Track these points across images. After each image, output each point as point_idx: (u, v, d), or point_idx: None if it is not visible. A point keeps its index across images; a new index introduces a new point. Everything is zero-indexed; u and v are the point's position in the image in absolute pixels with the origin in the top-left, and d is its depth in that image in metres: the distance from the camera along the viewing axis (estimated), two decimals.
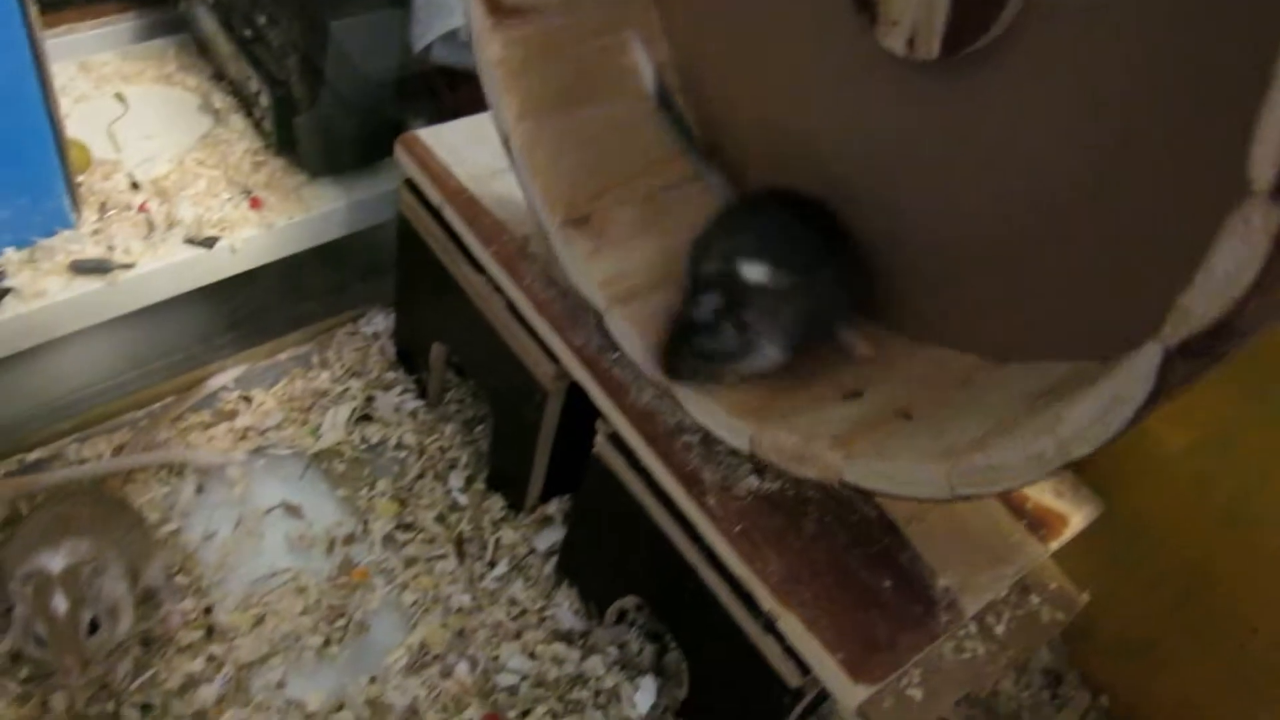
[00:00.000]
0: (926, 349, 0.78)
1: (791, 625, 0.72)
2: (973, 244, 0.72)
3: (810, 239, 0.76)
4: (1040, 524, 0.84)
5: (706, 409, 0.76)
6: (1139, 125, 0.59)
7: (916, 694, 0.77)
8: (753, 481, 0.79)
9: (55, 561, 0.79)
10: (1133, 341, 0.50)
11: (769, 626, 0.75)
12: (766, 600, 0.73)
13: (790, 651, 0.74)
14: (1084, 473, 0.89)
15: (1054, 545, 0.84)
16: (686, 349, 0.74)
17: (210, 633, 0.93)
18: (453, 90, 1.16)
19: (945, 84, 0.69)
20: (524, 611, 1.01)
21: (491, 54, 0.81)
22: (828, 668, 0.70)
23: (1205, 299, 0.45)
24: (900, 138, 0.74)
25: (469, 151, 0.98)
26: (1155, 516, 0.95)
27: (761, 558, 0.74)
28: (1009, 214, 0.69)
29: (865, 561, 0.76)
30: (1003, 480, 0.60)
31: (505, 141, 0.83)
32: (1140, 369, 0.49)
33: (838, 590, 0.74)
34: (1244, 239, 0.43)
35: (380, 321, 1.23)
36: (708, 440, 0.80)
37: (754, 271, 0.73)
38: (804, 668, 0.74)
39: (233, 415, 1.11)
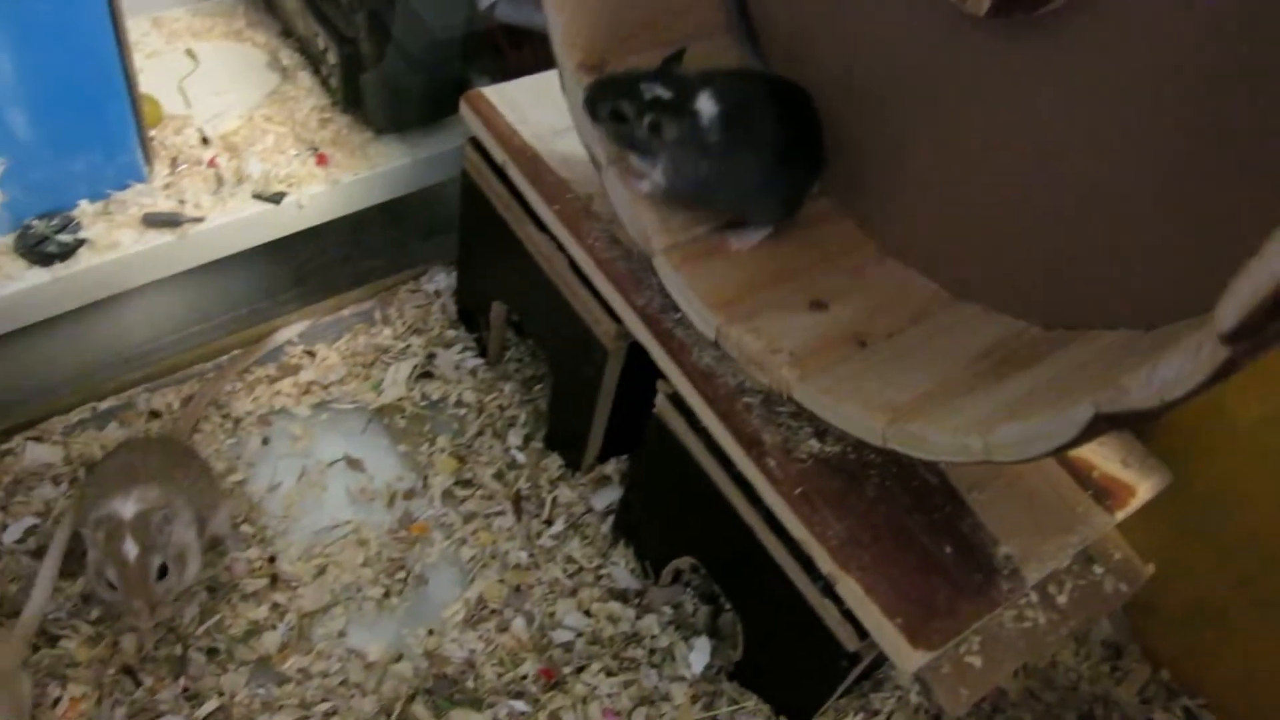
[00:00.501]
0: (893, 265, 0.83)
1: (850, 589, 0.72)
2: (973, 189, 0.74)
3: (778, 127, 0.79)
4: (1106, 493, 0.83)
5: (682, 291, 0.81)
6: (1200, 106, 0.57)
7: (975, 661, 0.76)
8: (813, 444, 0.78)
9: (127, 508, 0.82)
10: (1105, 316, 0.51)
11: (827, 590, 0.75)
12: (826, 563, 0.73)
13: (848, 615, 0.74)
14: (1152, 442, 0.87)
15: (1120, 515, 0.82)
16: (612, 98, 0.77)
17: (274, 581, 0.95)
18: (516, 49, 1.16)
19: (1002, 44, 0.68)
20: (580, 569, 1.02)
21: None
22: (886, 632, 0.70)
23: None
24: (939, 83, 0.73)
25: (533, 110, 0.98)
26: (1226, 489, 0.92)
27: (821, 520, 0.74)
28: (1050, 182, 0.68)
29: (926, 527, 0.76)
30: (929, 451, 0.65)
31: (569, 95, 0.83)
32: (1074, 414, 0.53)
33: (898, 555, 0.73)
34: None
35: (442, 279, 1.24)
36: (769, 402, 0.79)
37: (705, 106, 0.77)
38: (862, 632, 0.73)
39: (296, 370, 1.12)
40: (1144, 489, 0.84)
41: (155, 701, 0.86)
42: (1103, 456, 0.85)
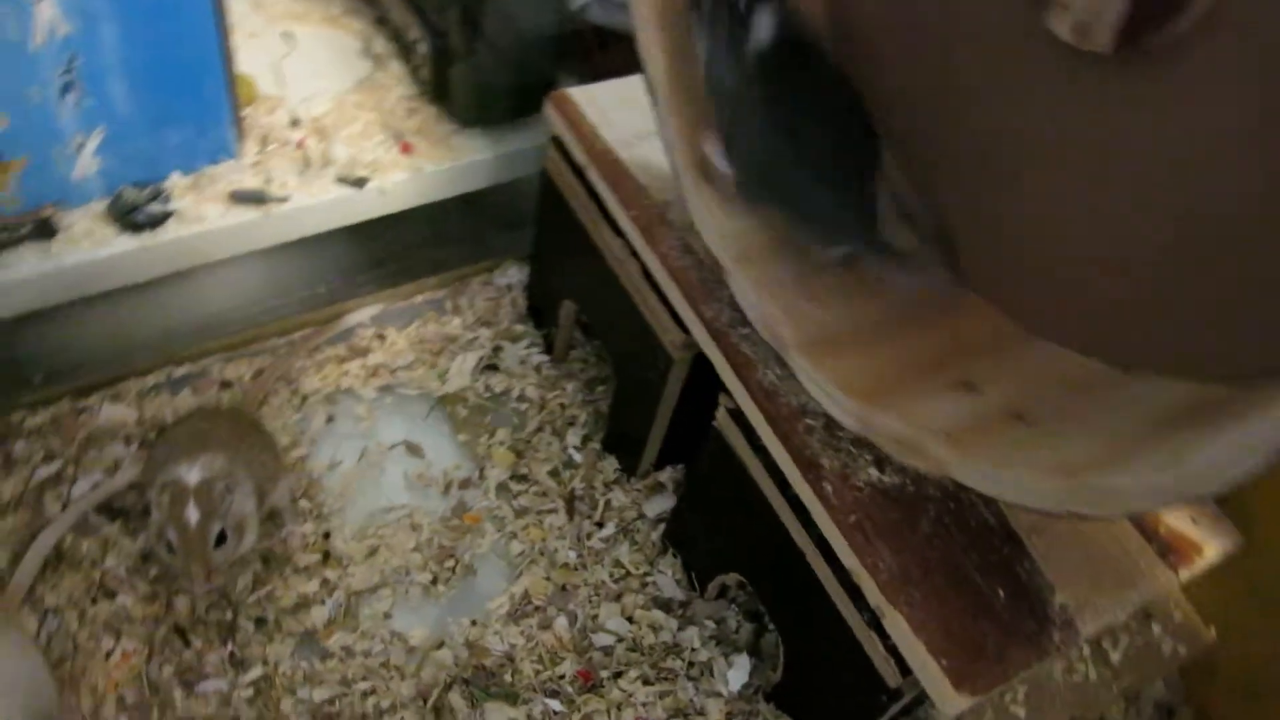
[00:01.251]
0: (1043, 345, 0.76)
1: (897, 624, 0.70)
2: (1100, 244, 0.69)
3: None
4: (1172, 550, 0.80)
5: (820, 384, 0.76)
6: None
7: (1019, 711, 0.74)
8: (872, 473, 0.77)
9: (192, 474, 0.84)
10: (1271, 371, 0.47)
11: (873, 622, 0.74)
12: (874, 595, 0.72)
13: (893, 650, 0.73)
14: (1226, 503, 0.84)
15: (1184, 574, 0.80)
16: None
17: (326, 558, 0.97)
18: (605, 50, 1.17)
19: (1110, 78, 0.65)
20: (626, 575, 1.01)
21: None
22: (930, 672, 0.68)
23: None
24: (1037, 117, 0.70)
25: (617, 113, 0.98)
26: None
27: (873, 551, 0.73)
28: (1156, 222, 0.65)
29: (981, 568, 0.74)
30: (1118, 506, 0.58)
31: (651, 89, 0.83)
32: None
33: (949, 593, 0.72)
34: None
35: (514, 274, 1.25)
36: (830, 426, 0.78)
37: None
38: (905, 668, 0.72)
39: (366, 352, 1.14)
40: (1212, 549, 0.81)
41: (202, 663, 0.88)
42: (1172, 512, 0.82)
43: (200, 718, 0.85)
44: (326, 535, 0.98)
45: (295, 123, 1.14)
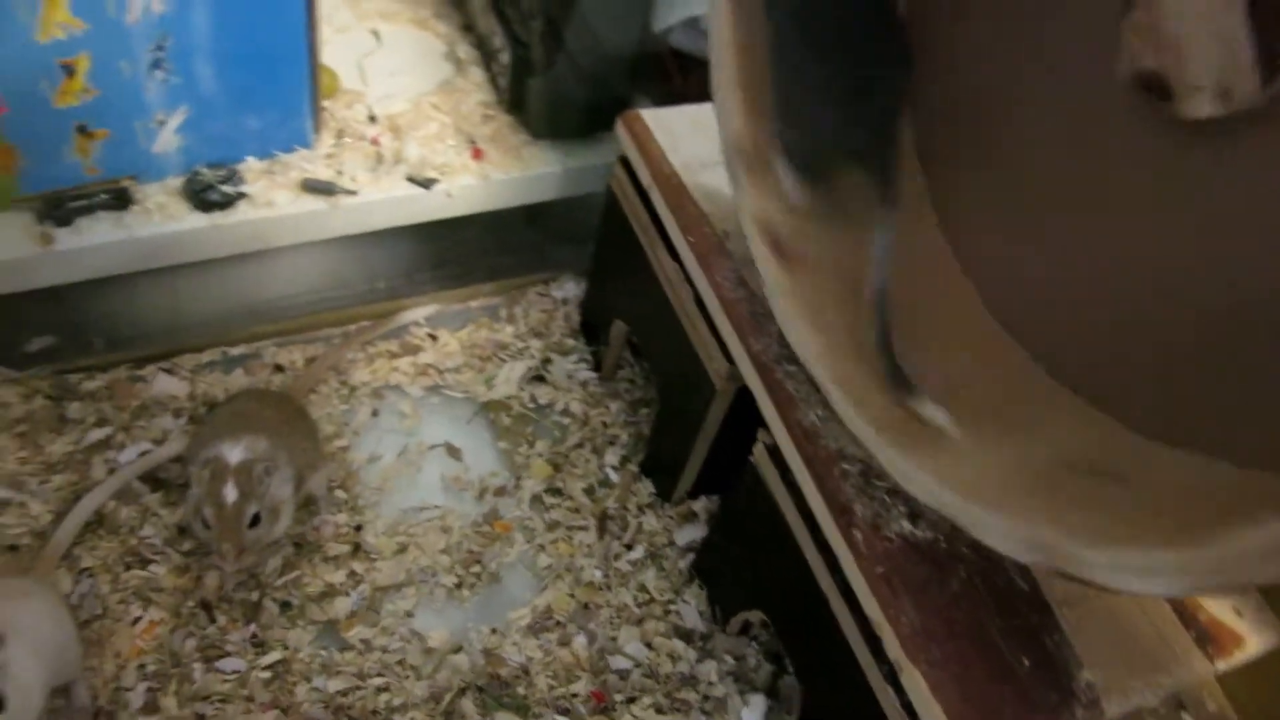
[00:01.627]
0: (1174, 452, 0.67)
1: (915, 682, 0.69)
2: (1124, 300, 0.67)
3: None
4: (1210, 639, 0.78)
5: (920, 482, 0.71)
6: None
7: None
8: (904, 525, 0.76)
9: (234, 453, 0.85)
10: None
11: (891, 677, 0.72)
12: (894, 649, 0.71)
13: (908, 707, 0.71)
14: (1274, 594, 0.81)
15: (1221, 665, 0.77)
16: None
17: (356, 550, 0.97)
18: (684, 75, 1.17)
19: (1205, 144, 0.63)
20: (650, 600, 1.01)
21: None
22: None
23: None
24: (1098, 166, 0.69)
25: (687, 139, 0.98)
26: None
27: (898, 605, 0.71)
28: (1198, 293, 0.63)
29: (1006, 633, 0.72)
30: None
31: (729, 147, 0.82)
32: None
33: (971, 656, 0.70)
34: None
35: (570, 288, 1.25)
36: (867, 473, 0.77)
37: None
38: None
39: (417, 350, 1.15)
40: (1254, 643, 0.78)
41: (224, 640, 0.89)
42: (1215, 601, 0.80)
43: (216, 693, 0.86)
44: (358, 528, 0.99)
45: (372, 119, 1.16)
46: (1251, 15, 0.56)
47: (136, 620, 0.88)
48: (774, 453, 0.83)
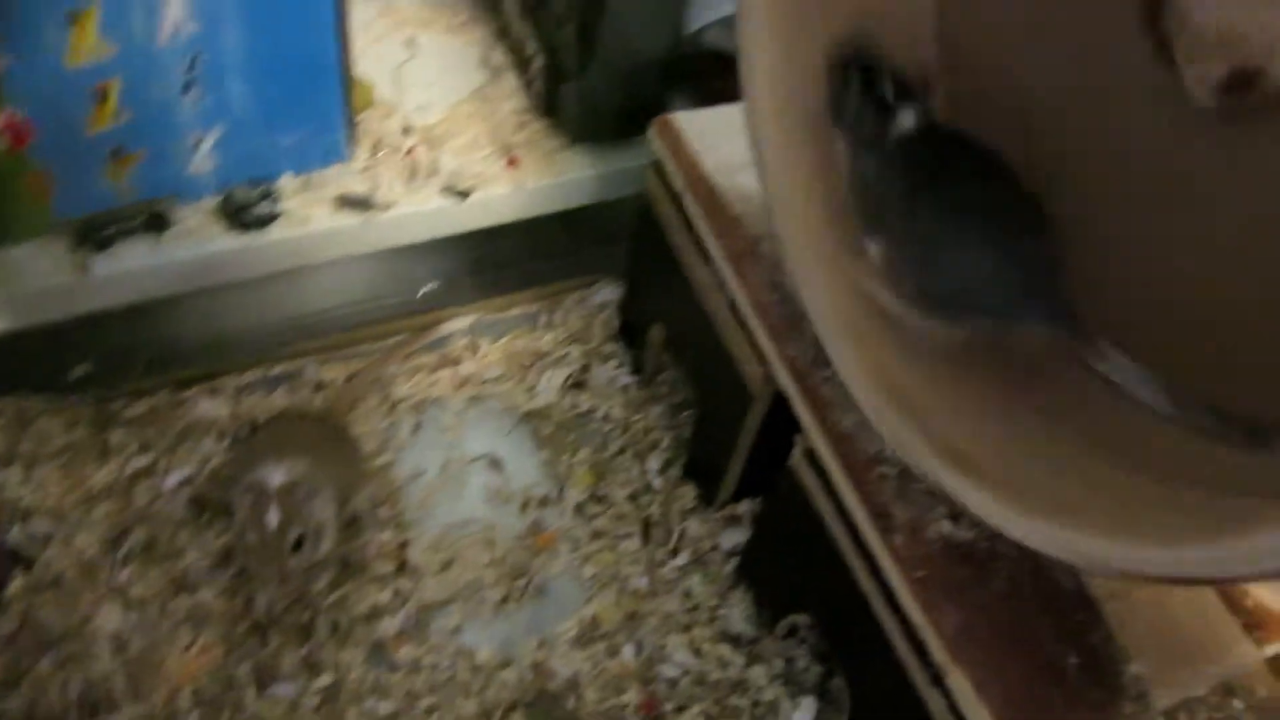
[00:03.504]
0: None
1: (960, 684, 0.68)
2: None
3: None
4: (1259, 624, 0.76)
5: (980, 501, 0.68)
6: None
7: None
8: (945, 526, 0.75)
9: (276, 476, 0.85)
10: None
11: (936, 679, 0.71)
12: (939, 652, 0.70)
13: (954, 709, 0.70)
14: None
15: (1270, 649, 0.76)
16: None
17: (401, 567, 0.97)
18: (719, 76, 1.15)
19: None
20: (696, 606, 1.00)
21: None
22: None
23: None
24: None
25: (720, 140, 0.97)
26: None
27: (940, 607, 0.70)
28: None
29: (1052, 632, 0.71)
30: None
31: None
32: None
33: (1016, 656, 0.69)
34: None
35: (609, 292, 1.24)
36: (905, 476, 0.76)
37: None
38: None
39: (457, 361, 1.15)
40: None
41: (278, 663, 0.89)
42: (1264, 584, 0.78)
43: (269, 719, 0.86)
44: (403, 545, 0.99)
45: (407, 130, 1.16)
46: None
47: (188, 646, 0.89)
48: (811, 457, 0.82)
